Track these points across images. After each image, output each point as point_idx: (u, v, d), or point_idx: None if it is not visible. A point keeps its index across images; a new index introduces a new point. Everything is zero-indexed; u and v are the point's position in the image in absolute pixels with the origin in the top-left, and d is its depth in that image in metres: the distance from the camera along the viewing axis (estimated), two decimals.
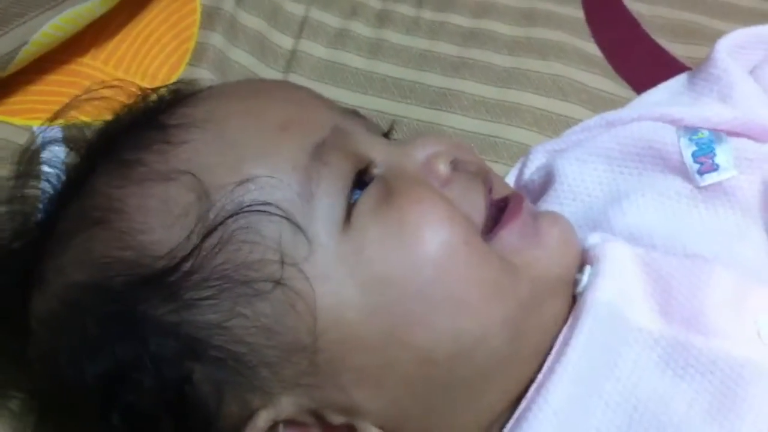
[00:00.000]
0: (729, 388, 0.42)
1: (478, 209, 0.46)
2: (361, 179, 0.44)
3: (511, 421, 0.44)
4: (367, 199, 0.43)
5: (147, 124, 0.45)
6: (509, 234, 0.45)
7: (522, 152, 0.62)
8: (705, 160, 0.51)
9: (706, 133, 0.52)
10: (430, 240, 0.42)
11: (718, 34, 0.60)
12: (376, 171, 0.45)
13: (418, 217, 0.43)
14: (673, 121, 0.54)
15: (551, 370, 0.44)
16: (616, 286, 0.46)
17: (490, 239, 0.45)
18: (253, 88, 0.51)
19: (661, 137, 0.53)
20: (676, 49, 0.69)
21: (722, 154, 0.51)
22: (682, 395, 0.42)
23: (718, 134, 0.52)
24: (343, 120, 0.46)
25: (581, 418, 0.43)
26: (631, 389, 0.43)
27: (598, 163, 0.54)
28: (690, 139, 0.52)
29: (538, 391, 0.44)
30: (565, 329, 0.45)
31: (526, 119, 0.65)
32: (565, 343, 0.44)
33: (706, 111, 0.55)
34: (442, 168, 0.46)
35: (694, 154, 0.51)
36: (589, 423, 0.43)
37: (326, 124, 0.45)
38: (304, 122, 0.45)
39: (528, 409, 0.43)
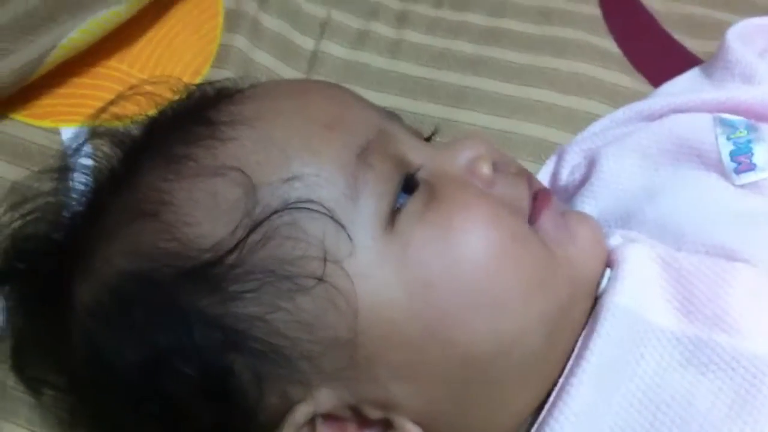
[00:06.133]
0: (752, 386, 0.42)
1: (523, 202, 0.46)
2: (407, 183, 0.44)
3: (535, 426, 0.44)
4: (413, 203, 0.44)
5: (195, 120, 0.46)
6: (545, 221, 0.46)
7: (540, 148, 0.63)
8: (743, 159, 0.51)
9: (744, 132, 0.52)
10: (477, 245, 0.43)
11: None
12: (420, 175, 0.45)
13: (464, 222, 0.43)
14: (703, 103, 0.54)
15: (571, 373, 0.44)
16: (635, 289, 0.46)
17: (532, 223, 0.45)
18: (299, 87, 0.51)
19: (698, 135, 0.53)
20: (693, 44, 0.69)
21: (760, 154, 0.51)
22: (705, 392, 0.42)
23: (757, 133, 0.52)
24: (387, 123, 0.47)
25: (604, 419, 0.43)
26: (655, 389, 0.43)
27: (634, 158, 0.54)
28: (728, 138, 0.52)
29: (559, 394, 0.44)
30: (584, 332, 0.46)
31: (543, 116, 0.65)
32: (584, 347, 0.45)
33: (734, 90, 0.55)
34: (486, 170, 0.46)
35: (731, 153, 0.51)
36: (613, 423, 0.43)
37: (371, 127, 0.45)
38: (350, 123, 0.45)
39: (549, 413, 0.44)
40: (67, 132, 0.64)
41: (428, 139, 0.51)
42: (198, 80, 0.67)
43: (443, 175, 0.45)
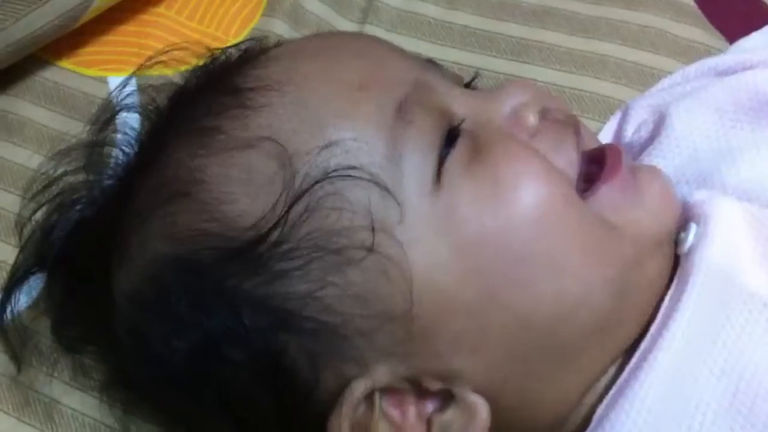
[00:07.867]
0: None
1: (570, 162, 0.44)
2: (449, 135, 0.42)
3: (614, 387, 0.42)
4: (456, 156, 0.41)
5: (220, 88, 0.44)
6: (611, 191, 0.43)
7: (609, 106, 0.60)
8: None
9: None
10: (527, 198, 0.41)
11: None
12: (463, 126, 0.43)
13: (513, 174, 0.41)
14: None
15: (659, 333, 0.42)
16: (727, 246, 0.43)
17: (588, 196, 0.43)
18: (326, 44, 0.49)
19: None
20: None
21: None
22: None
23: None
24: (424, 73, 0.45)
25: (687, 385, 0.41)
26: (738, 357, 0.41)
27: (707, 115, 0.51)
28: None
29: (644, 356, 0.42)
30: (671, 291, 0.43)
31: (613, 72, 0.62)
32: (673, 306, 0.42)
33: None
34: (531, 119, 0.44)
35: None
36: (695, 390, 0.41)
37: (407, 79, 0.43)
38: (383, 79, 0.43)
39: (633, 374, 0.42)
40: (115, 81, 0.63)
41: (468, 85, 0.48)
42: (249, 29, 0.66)
43: (487, 125, 0.43)
